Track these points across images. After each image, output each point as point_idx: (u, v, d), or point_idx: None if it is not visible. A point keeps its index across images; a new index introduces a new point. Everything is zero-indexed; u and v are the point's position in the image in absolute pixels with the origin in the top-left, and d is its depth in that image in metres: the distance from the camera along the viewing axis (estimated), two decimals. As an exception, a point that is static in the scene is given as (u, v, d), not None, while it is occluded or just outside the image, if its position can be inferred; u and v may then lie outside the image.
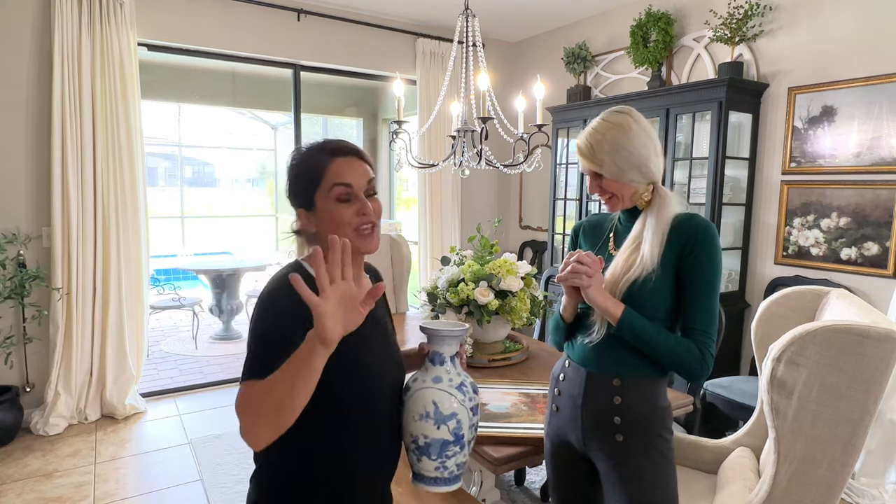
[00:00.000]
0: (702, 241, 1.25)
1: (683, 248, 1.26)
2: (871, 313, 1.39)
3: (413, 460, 1.10)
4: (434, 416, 1.06)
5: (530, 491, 2.69)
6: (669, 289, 1.28)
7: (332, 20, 4.14)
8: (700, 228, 1.26)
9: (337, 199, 1.02)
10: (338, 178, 1.02)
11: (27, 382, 3.29)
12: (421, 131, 3.18)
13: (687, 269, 1.26)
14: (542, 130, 2.49)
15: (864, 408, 1.25)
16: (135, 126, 3.42)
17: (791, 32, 3.10)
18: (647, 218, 1.31)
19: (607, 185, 1.31)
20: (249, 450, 3.02)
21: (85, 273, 3.31)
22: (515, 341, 2.59)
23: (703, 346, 1.25)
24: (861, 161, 2.84)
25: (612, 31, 4.13)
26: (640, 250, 1.28)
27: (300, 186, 1.05)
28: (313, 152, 1.06)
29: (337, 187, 1.02)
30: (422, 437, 1.07)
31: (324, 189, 1.03)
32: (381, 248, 3.60)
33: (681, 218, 1.29)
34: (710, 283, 1.25)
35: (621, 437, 1.30)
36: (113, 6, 3.26)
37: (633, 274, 1.27)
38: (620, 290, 1.28)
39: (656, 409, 1.31)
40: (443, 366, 1.12)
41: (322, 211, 1.03)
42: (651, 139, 1.30)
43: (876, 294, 2.81)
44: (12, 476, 2.75)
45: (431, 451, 1.07)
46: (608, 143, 1.28)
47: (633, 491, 1.28)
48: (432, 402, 1.07)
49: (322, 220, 1.04)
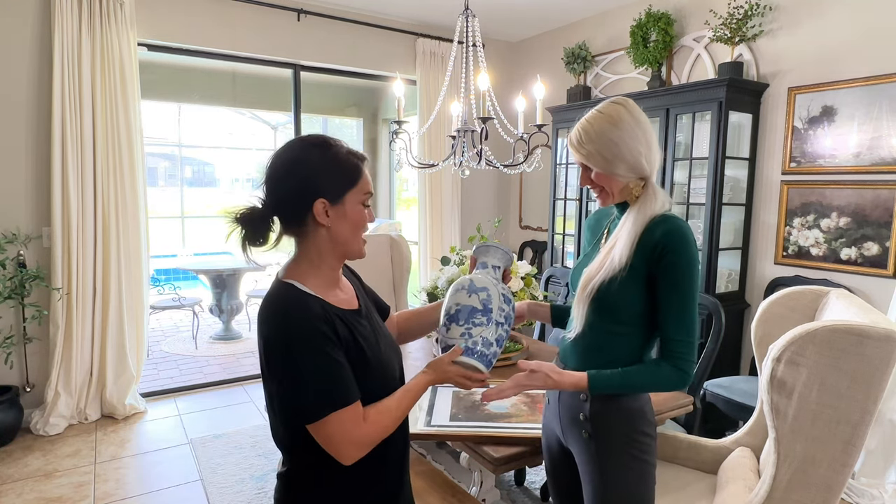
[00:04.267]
0: (672, 247, 1.18)
1: (653, 253, 1.20)
2: (871, 313, 1.38)
3: (443, 333, 1.18)
4: (468, 287, 1.19)
5: (530, 491, 2.69)
6: (640, 293, 1.24)
7: (332, 20, 4.14)
8: (671, 233, 1.19)
9: (362, 203, 1.10)
10: (369, 185, 1.11)
11: (27, 382, 3.29)
12: (421, 131, 3.18)
13: (659, 276, 1.20)
14: (542, 130, 2.49)
15: (864, 408, 1.25)
16: (135, 126, 3.42)
17: (791, 32, 3.10)
18: (629, 215, 1.26)
19: (596, 178, 1.28)
20: (249, 450, 3.04)
21: (85, 273, 3.31)
22: (515, 341, 2.59)
23: (678, 356, 1.21)
24: (861, 161, 2.84)
25: (612, 31, 4.13)
26: (612, 251, 1.25)
27: (335, 179, 1.06)
28: (343, 150, 1.08)
29: (367, 193, 1.11)
30: (454, 306, 1.17)
31: (358, 191, 1.08)
32: (381, 248, 3.60)
33: (655, 220, 1.23)
34: (682, 289, 1.19)
35: (587, 434, 1.31)
36: (113, 6, 3.26)
37: (603, 274, 1.24)
38: (591, 289, 1.26)
39: (621, 410, 1.29)
40: (485, 268, 1.24)
41: (350, 209, 1.08)
42: (644, 132, 1.24)
43: (876, 294, 2.81)
44: (12, 476, 2.75)
45: (459, 317, 1.16)
46: (596, 134, 1.23)
47: (597, 488, 1.29)
48: (469, 279, 1.20)
49: (345, 218, 1.07)
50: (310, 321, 0.99)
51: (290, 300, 1.02)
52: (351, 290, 1.18)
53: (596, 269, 1.27)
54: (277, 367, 0.99)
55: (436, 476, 1.94)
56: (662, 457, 1.93)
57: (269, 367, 1.01)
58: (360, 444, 1.00)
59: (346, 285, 1.17)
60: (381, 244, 3.69)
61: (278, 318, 1.01)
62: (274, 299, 1.04)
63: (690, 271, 1.20)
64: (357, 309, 1.13)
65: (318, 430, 0.98)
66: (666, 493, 1.75)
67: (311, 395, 0.97)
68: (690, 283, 1.20)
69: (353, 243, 1.10)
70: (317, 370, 0.97)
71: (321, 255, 1.08)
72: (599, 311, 1.28)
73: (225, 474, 2.82)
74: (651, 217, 1.23)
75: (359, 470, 1.04)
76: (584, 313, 1.29)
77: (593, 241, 1.45)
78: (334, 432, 0.98)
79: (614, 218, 1.39)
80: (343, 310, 1.08)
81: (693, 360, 1.23)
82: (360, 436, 1.00)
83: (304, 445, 1.02)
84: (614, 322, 1.28)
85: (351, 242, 1.09)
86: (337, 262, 1.11)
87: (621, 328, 1.28)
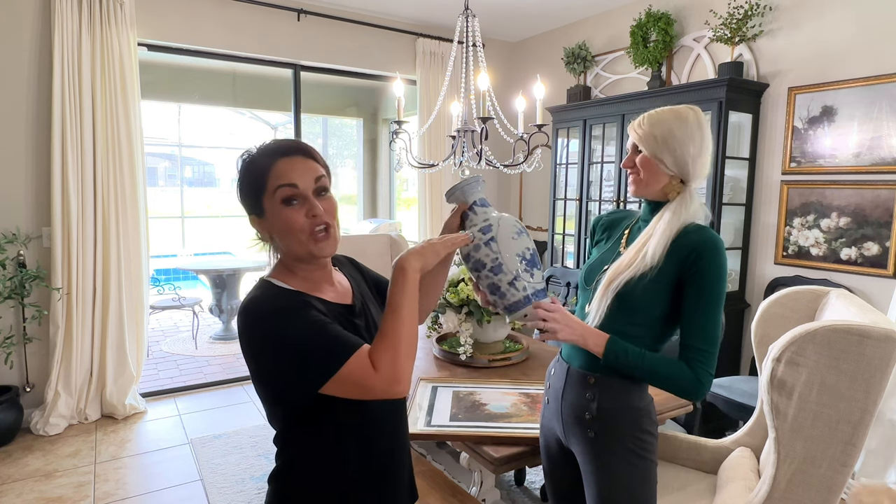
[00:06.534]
0: (706, 254, 1.21)
1: (686, 259, 1.22)
2: (871, 313, 1.38)
3: (528, 279, 1.15)
4: (523, 228, 1.17)
5: (530, 491, 2.69)
6: (663, 295, 1.25)
7: (332, 20, 4.14)
8: (706, 241, 1.22)
9: (283, 202, 0.97)
10: (281, 179, 0.97)
11: (27, 382, 3.29)
12: (421, 131, 3.18)
13: (688, 282, 1.22)
14: (542, 130, 2.49)
15: (864, 408, 1.25)
16: (135, 126, 3.42)
17: (791, 32, 3.10)
18: (664, 213, 1.28)
19: (641, 162, 1.30)
20: (249, 450, 3.04)
21: (85, 273, 3.31)
22: (515, 341, 2.59)
23: (698, 364, 1.21)
24: (861, 161, 2.84)
25: (612, 31, 4.13)
26: (644, 247, 1.26)
27: (247, 192, 1.00)
28: (256, 155, 1.00)
29: (281, 189, 0.96)
30: (527, 250, 1.15)
31: (269, 192, 0.97)
32: (381, 248, 3.60)
33: (691, 228, 1.25)
34: (710, 299, 1.21)
35: (592, 434, 1.31)
36: (113, 6, 3.26)
37: (633, 270, 1.25)
38: (617, 284, 1.26)
39: (630, 409, 1.30)
40: (486, 206, 1.18)
41: (271, 216, 0.98)
42: (702, 139, 1.26)
43: (876, 294, 2.81)
44: (12, 476, 2.75)
45: (536, 259, 1.17)
46: (658, 120, 1.28)
47: (602, 487, 1.29)
48: (515, 221, 1.17)
49: (274, 226, 0.99)
50: (282, 301, 0.96)
51: (264, 292, 0.99)
52: (346, 286, 1.12)
53: (626, 265, 1.27)
54: (266, 354, 0.94)
55: (436, 476, 1.94)
56: (662, 457, 1.94)
57: (255, 359, 0.97)
58: (388, 380, 0.90)
59: (339, 281, 1.11)
60: (381, 244, 3.69)
61: (250, 308, 0.96)
62: (249, 296, 1.00)
63: (720, 282, 1.21)
64: (350, 305, 1.08)
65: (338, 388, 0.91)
66: (666, 493, 1.75)
67: (313, 356, 0.91)
68: (719, 293, 1.22)
69: (297, 248, 0.99)
70: (305, 335, 0.92)
71: (292, 262, 1.03)
72: (619, 309, 1.28)
73: (225, 474, 2.82)
74: (687, 222, 1.26)
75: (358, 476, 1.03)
76: (604, 308, 1.28)
77: (610, 241, 1.45)
78: (354, 381, 0.90)
79: (638, 220, 1.40)
80: (332, 304, 1.03)
81: (712, 373, 1.22)
82: (383, 373, 0.91)
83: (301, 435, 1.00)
84: (629, 323, 1.28)
85: (295, 248, 0.99)
86: (310, 264, 1.03)
87: (634, 329, 1.28)
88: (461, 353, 2.31)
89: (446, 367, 2.34)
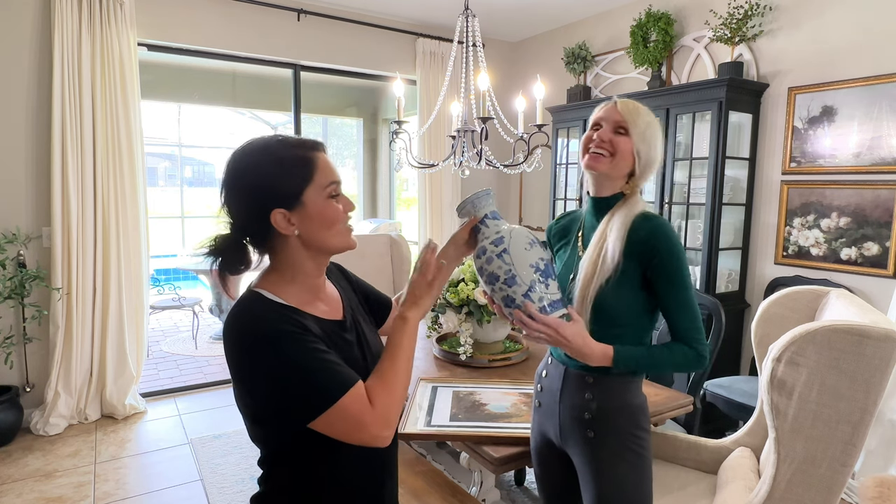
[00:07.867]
0: (660, 246, 1.24)
1: (643, 255, 1.24)
2: (871, 313, 1.38)
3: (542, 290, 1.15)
4: (535, 240, 1.19)
5: (530, 491, 2.69)
6: (636, 292, 1.27)
7: (332, 20, 4.14)
8: (656, 232, 1.25)
9: (330, 196, 0.99)
10: (330, 174, 0.99)
11: (27, 382, 3.29)
12: (421, 131, 3.18)
13: (654, 277, 1.26)
14: (542, 130, 2.49)
15: (864, 408, 1.25)
16: (135, 126, 3.42)
17: (791, 32, 3.10)
18: (613, 216, 1.30)
19: (618, 142, 1.30)
20: (249, 450, 3.04)
21: (85, 273, 3.31)
22: (515, 341, 2.59)
23: (695, 342, 1.26)
24: (861, 161, 2.84)
25: (612, 31, 4.13)
26: (603, 250, 1.27)
27: (284, 182, 0.95)
28: (290, 148, 0.97)
29: (334, 185, 0.99)
30: (540, 261, 1.16)
31: (318, 185, 0.97)
32: (381, 248, 3.60)
33: (637, 219, 1.27)
34: (679, 282, 1.25)
35: (592, 434, 1.31)
36: (113, 6, 3.26)
37: (598, 278, 1.25)
38: (591, 297, 1.26)
39: (628, 407, 1.31)
40: (497, 218, 1.19)
41: (313, 209, 0.97)
42: (661, 149, 1.34)
43: (876, 294, 2.81)
44: (12, 476, 2.75)
45: (549, 270, 1.18)
46: (646, 111, 1.33)
47: (603, 487, 1.29)
48: (527, 233, 1.18)
49: (311, 219, 0.97)
50: (274, 322, 0.91)
51: (254, 307, 0.95)
52: (336, 299, 1.10)
53: (591, 274, 1.26)
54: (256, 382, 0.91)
55: (436, 476, 1.94)
56: (663, 457, 1.94)
57: (243, 383, 0.93)
58: (382, 421, 0.90)
59: (330, 295, 1.08)
60: (381, 244, 3.69)
61: (240, 327, 0.92)
62: (236, 309, 0.95)
63: (681, 262, 1.26)
64: (340, 320, 1.06)
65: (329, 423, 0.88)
66: (666, 493, 1.75)
67: (308, 388, 0.88)
68: (684, 273, 1.26)
69: (331, 240, 0.99)
70: (300, 365, 0.88)
71: (295, 267, 1.00)
72: (600, 318, 1.28)
73: (225, 474, 2.82)
74: (634, 215, 1.29)
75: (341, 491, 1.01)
76: (587, 321, 1.27)
77: (568, 247, 1.44)
78: (348, 417, 0.88)
79: (582, 223, 1.41)
80: (324, 320, 1.01)
81: (705, 342, 1.28)
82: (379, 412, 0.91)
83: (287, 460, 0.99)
84: (614, 325, 1.29)
85: (329, 240, 0.99)
86: (316, 269, 1.02)
87: (622, 329, 1.30)
88: (461, 353, 2.31)
89: (446, 367, 2.34)
